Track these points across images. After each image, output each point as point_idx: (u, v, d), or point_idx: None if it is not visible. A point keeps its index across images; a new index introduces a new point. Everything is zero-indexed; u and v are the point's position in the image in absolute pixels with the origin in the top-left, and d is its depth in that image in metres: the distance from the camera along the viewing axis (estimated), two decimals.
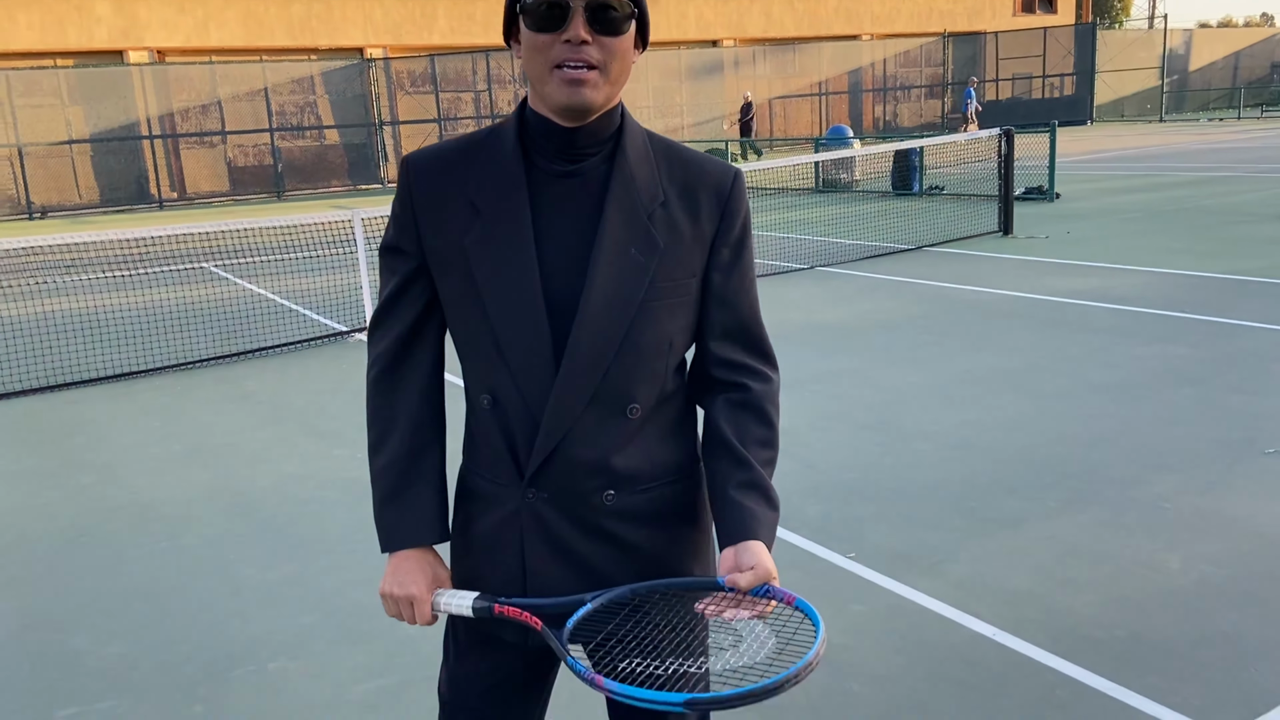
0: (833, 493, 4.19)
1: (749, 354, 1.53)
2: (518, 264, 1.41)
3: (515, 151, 1.44)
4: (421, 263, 1.49)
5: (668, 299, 1.45)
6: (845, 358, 6.32)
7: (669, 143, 1.51)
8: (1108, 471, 4.23)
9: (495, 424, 1.47)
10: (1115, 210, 12.58)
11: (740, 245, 1.51)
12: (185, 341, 7.90)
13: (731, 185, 1.49)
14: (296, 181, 25.39)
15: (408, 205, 1.47)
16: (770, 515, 1.47)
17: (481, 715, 1.58)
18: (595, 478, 1.45)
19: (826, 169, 17.88)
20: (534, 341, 1.41)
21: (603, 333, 1.41)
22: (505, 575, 1.50)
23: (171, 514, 4.33)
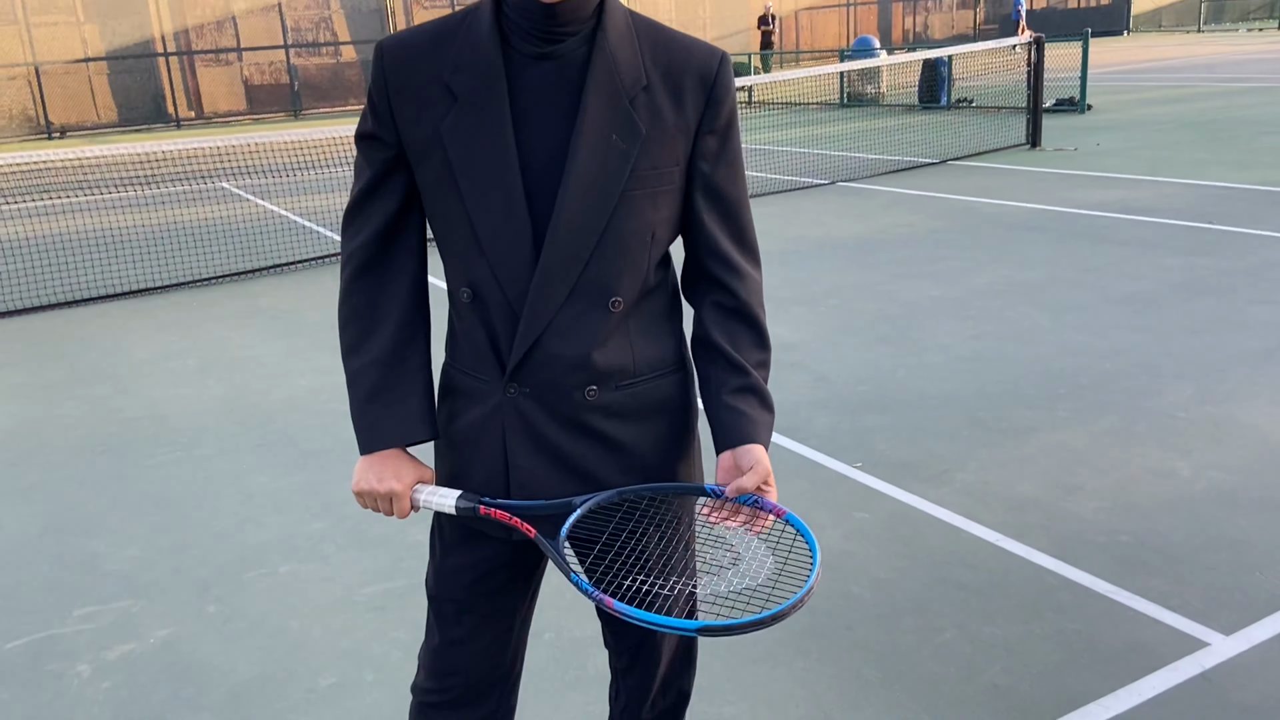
0: (842, 405, 4.17)
1: (737, 247, 1.50)
2: (495, 151, 1.36)
3: (492, 34, 1.38)
4: (399, 151, 1.44)
5: (650, 187, 1.40)
6: (862, 272, 6.25)
7: (652, 23, 1.44)
8: (1122, 382, 4.18)
9: (476, 318, 1.44)
10: (1147, 122, 12.26)
11: (727, 132, 1.46)
12: (201, 258, 7.92)
13: (718, 69, 1.43)
14: (313, 99, 25.17)
15: (383, 92, 1.42)
16: (766, 417, 1.46)
17: (469, 608, 1.58)
18: (576, 373, 1.42)
19: (852, 81, 17.48)
20: (513, 232, 1.37)
21: (583, 222, 1.36)
22: (488, 471, 1.48)
23: (186, 425, 4.38)
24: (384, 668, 2.57)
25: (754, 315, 1.50)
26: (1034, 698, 2.29)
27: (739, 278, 1.49)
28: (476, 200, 1.37)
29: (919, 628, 2.59)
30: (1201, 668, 2.36)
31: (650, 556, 1.53)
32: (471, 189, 1.38)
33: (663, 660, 1.70)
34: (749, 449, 1.41)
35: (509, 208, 1.37)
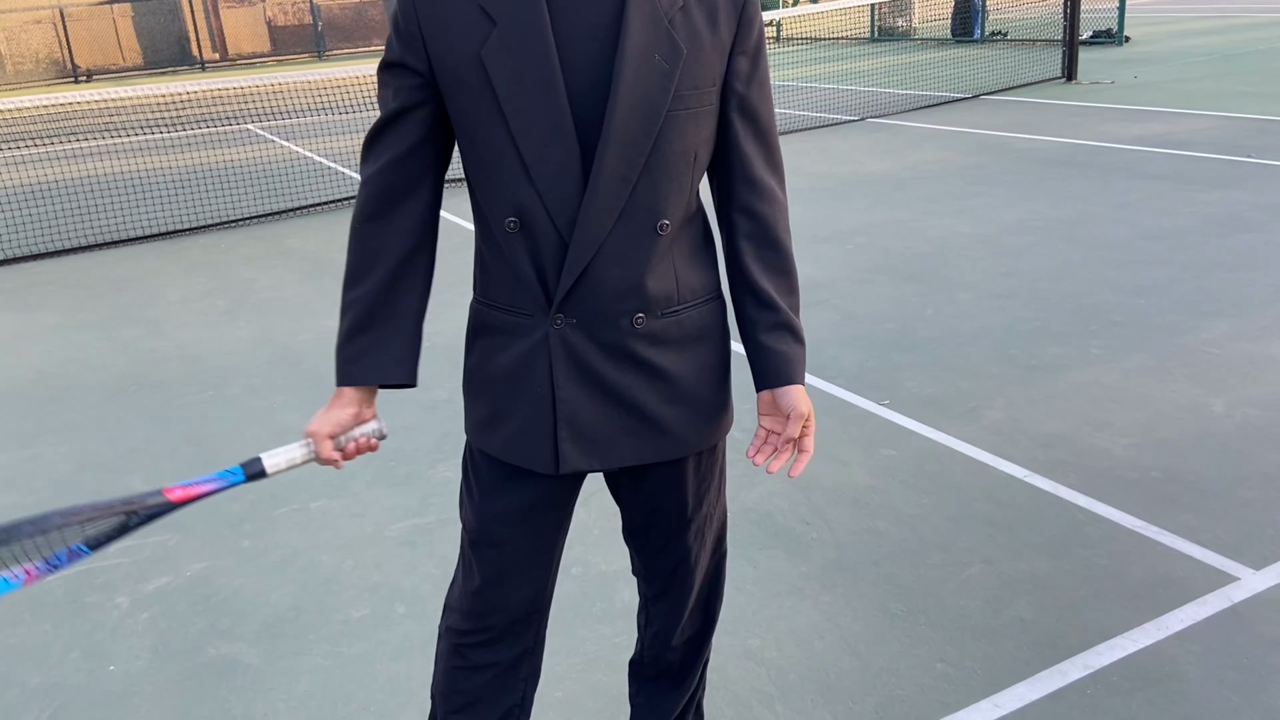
0: (871, 343, 4.14)
1: (769, 168, 1.51)
2: (540, 74, 1.34)
3: None
4: (428, 79, 1.41)
5: (692, 106, 1.40)
6: (891, 209, 6.16)
7: None
8: (1156, 318, 4.12)
9: (521, 249, 1.42)
10: (1186, 53, 11.92)
11: (758, 52, 1.47)
12: (229, 200, 7.94)
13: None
14: (337, 40, 24.98)
15: (411, 18, 1.39)
16: (799, 352, 1.50)
17: (514, 548, 1.58)
18: (625, 299, 1.43)
19: (882, 15, 17.10)
20: (562, 156, 1.35)
21: (631, 144, 1.36)
22: (533, 407, 1.48)
23: (217, 365, 4.42)
24: (414, 600, 2.61)
25: (782, 243, 1.52)
26: (1060, 631, 2.29)
27: (771, 204, 1.51)
28: (522, 125, 1.35)
29: (945, 563, 2.59)
30: (1230, 601, 2.34)
31: None
32: (517, 114, 1.35)
33: (694, 586, 1.72)
34: (786, 391, 1.47)
35: (557, 131, 1.35)
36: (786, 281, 1.52)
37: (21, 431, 3.86)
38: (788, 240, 1.53)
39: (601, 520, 2.91)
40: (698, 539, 1.67)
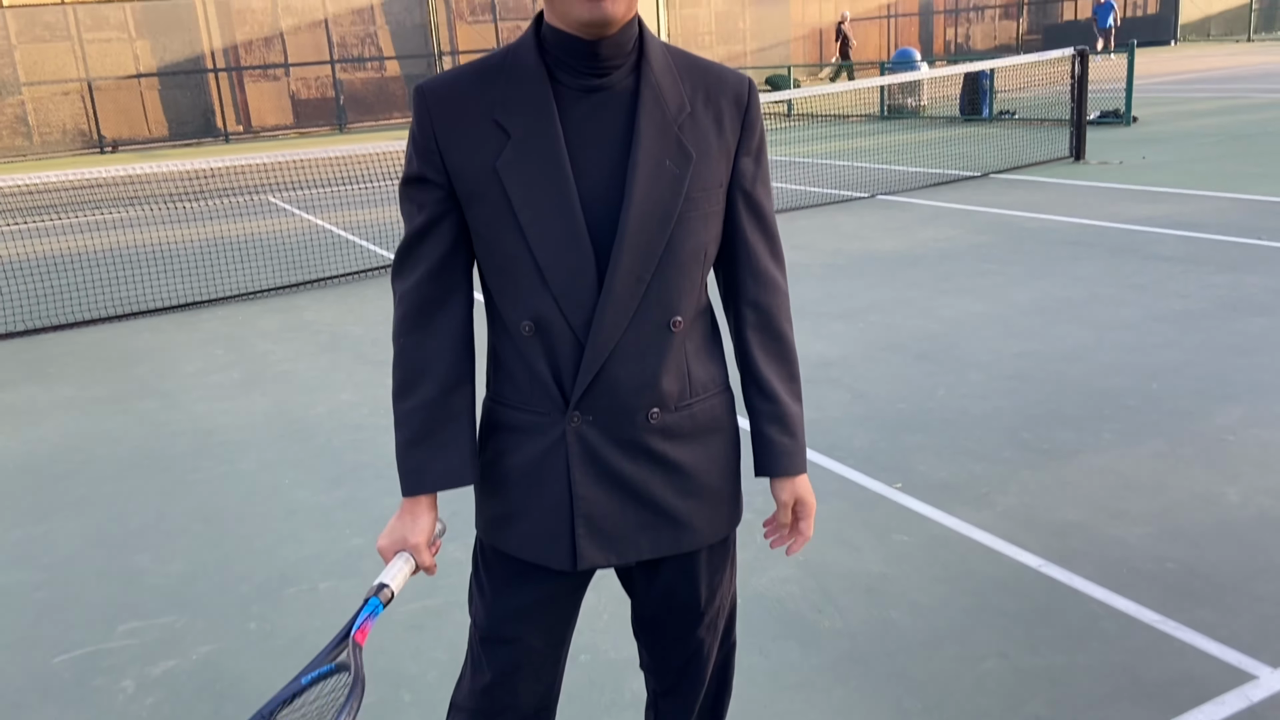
0: (882, 423, 4.13)
1: (773, 260, 1.58)
2: (555, 184, 1.39)
3: (538, 69, 1.41)
4: (449, 192, 1.45)
5: (701, 208, 1.46)
6: (902, 287, 6.20)
7: (684, 53, 1.51)
8: (1169, 403, 4.11)
9: (538, 351, 1.45)
10: (1195, 134, 12.06)
11: (760, 152, 1.54)
12: (247, 272, 8.04)
13: (749, 94, 1.52)
14: (358, 113, 25.50)
15: (429, 134, 1.44)
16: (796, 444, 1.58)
17: (527, 645, 1.59)
18: (641, 395, 1.47)
19: (893, 94, 17.38)
20: (576, 261, 1.40)
21: (644, 246, 1.41)
22: (551, 505, 1.50)
23: (230, 439, 4.44)
24: (421, 688, 2.58)
25: (783, 333, 1.60)
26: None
27: (774, 294, 1.58)
28: (538, 233, 1.40)
29: (960, 656, 2.56)
30: (1249, 701, 2.30)
31: None
32: (532, 222, 1.40)
33: (704, 680, 1.71)
34: (778, 482, 1.59)
35: (572, 238, 1.40)
36: (787, 369, 1.59)
37: (35, 507, 3.88)
38: (789, 328, 1.60)
39: (611, 605, 2.89)
40: (710, 631, 1.68)
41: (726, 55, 30.86)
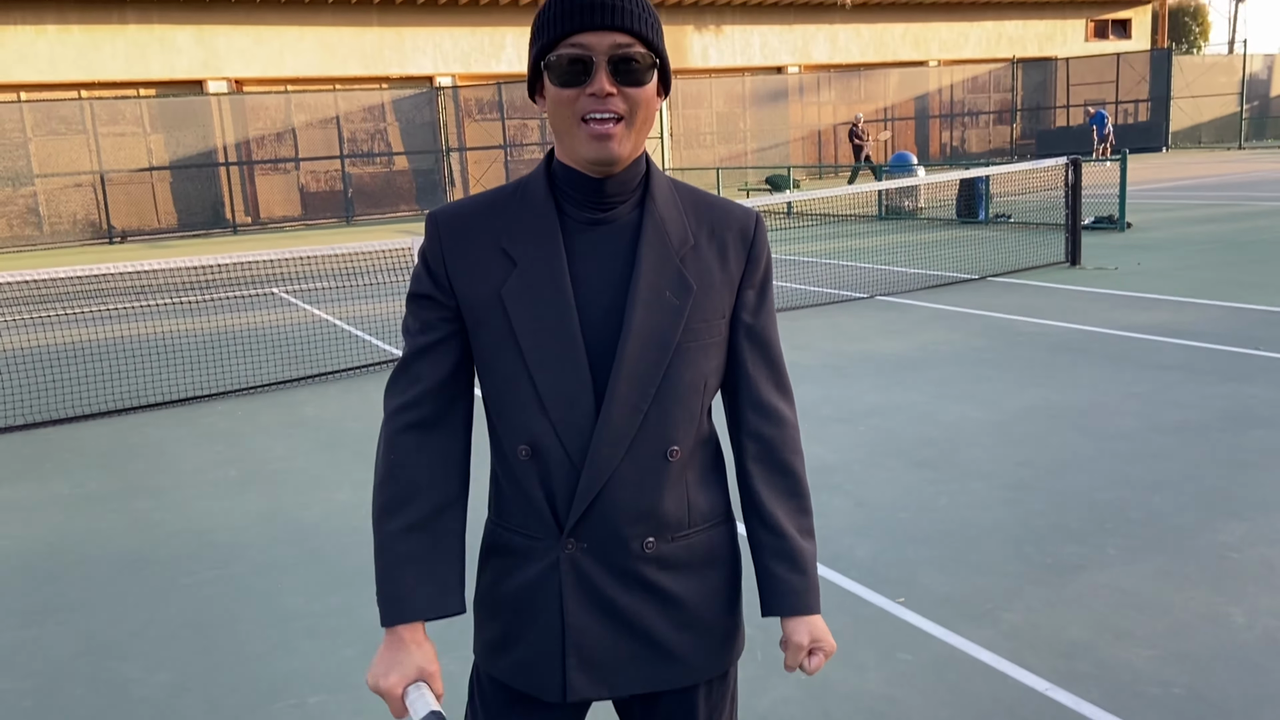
0: (884, 533, 4.10)
1: (778, 392, 1.57)
2: (557, 313, 1.41)
3: (547, 201, 1.46)
4: (454, 314, 1.48)
5: (701, 340, 1.47)
6: (902, 391, 6.22)
7: (691, 188, 1.54)
8: (1172, 518, 4.08)
9: (534, 475, 1.45)
10: (1189, 241, 12.24)
11: (764, 285, 1.55)
12: (250, 366, 8.08)
13: (755, 228, 1.54)
14: (366, 206, 25.93)
15: (438, 258, 1.47)
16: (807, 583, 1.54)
17: None
18: (636, 524, 1.45)
19: (890, 195, 17.71)
20: (576, 390, 1.41)
21: (642, 376, 1.42)
22: (542, 632, 1.48)
23: (224, 541, 4.40)
24: None
25: (791, 466, 1.56)
26: None
27: (779, 426, 1.56)
28: (539, 360, 1.41)
29: None
30: None
31: None
32: (534, 349, 1.42)
33: None
34: (795, 623, 1.53)
35: (571, 366, 1.41)
36: (797, 503, 1.55)
37: (25, 610, 3.82)
38: (798, 463, 1.57)
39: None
40: None
41: (727, 155, 31.53)
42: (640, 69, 1.38)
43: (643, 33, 1.38)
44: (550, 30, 1.38)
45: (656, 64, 1.41)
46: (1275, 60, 40.88)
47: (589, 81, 1.36)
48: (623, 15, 1.36)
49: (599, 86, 1.36)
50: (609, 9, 1.36)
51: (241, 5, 25.90)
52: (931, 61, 35.61)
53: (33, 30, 23.89)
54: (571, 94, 1.38)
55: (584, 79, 1.36)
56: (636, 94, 1.38)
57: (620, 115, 1.38)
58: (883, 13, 34.80)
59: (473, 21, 28.70)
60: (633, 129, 1.40)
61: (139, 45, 24.98)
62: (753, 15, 32.64)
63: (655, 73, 1.41)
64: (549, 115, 1.43)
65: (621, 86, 1.37)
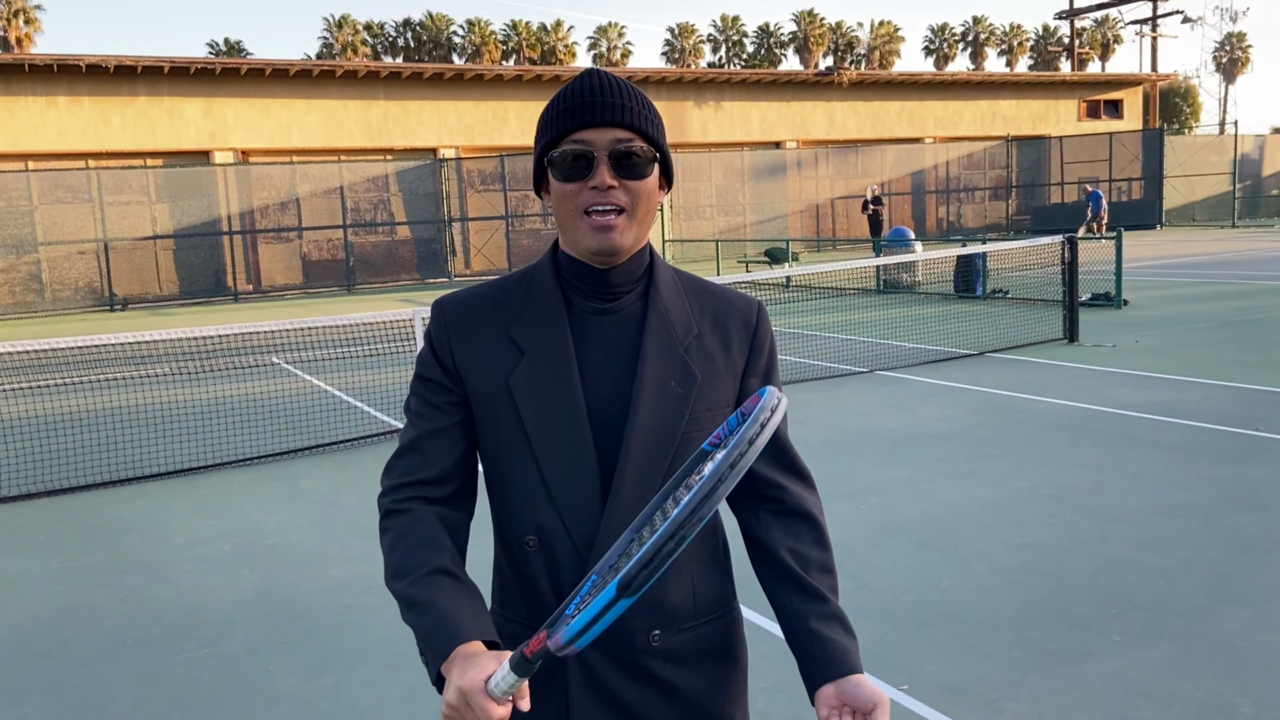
0: (887, 616, 4.04)
1: (788, 475, 1.53)
2: (565, 401, 1.42)
3: (554, 291, 1.48)
4: (459, 401, 1.48)
5: (705, 429, 1.47)
6: (903, 468, 6.19)
7: (694, 278, 1.56)
8: (1177, 603, 4.03)
9: (540, 566, 1.44)
10: (1186, 319, 12.31)
11: (768, 372, 1.55)
12: (247, 437, 8.04)
13: (758, 316, 1.55)
14: (367, 274, 26.10)
15: (445, 347, 1.48)
16: (854, 644, 1.43)
17: None
18: (643, 616, 1.44)
19: (888, 269, 17.85)
20: (581, 478, 1.41)
21: (647, 466, 1.42)
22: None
23: (216, 618, 4.33)
24: None
25: (817, 524, 1.50)
26: None
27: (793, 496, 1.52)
28: (545, 448, 1.42)
29: None
30: None
31: None
32: (540, 437, 1.42)
33: None
34: (856, 681, 1.35)
35: (578, 455, 1.41)
36: (827, 573, 1.48)
37: (13, 688, 3.74)
38: (824, 526, 1.52)
39: None
40: None
41: (727, 227, 31.86)
42: (641, 162, 1.41)
43: (643, 128, 1.41)
44: (554, 128, 1.42)
45: (657, 157, 1.44)
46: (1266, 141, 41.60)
47: (590, 175, 1.40)
48: (623, 112, 1.40)
49: (600, 180, 1.39)
50: (610, 106, 1.40)
51: (250, 78, 26.40)
52: (927, 138, 36.22)
53: (44, 101, 24.31)
54: (574, 188, 1.41)
55: (586, 173, 1.40)
56: (637, 186, 1.42)
57: (622, 207, 1.41)
58: (878, 91, 35.49)
59: (477, 96, 29.24)
60: (634, 220, 1.42)
61: (147, 117, 25.40)
62: (751, 92, 33.28)
63: (656, 166, 1.45)
64: (554, 209, 1.45)
65: (623, 179, 1.40)
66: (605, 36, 72.53)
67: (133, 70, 24.90)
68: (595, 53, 72.47)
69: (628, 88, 1.43)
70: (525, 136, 29.89)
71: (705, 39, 74.17)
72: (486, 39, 67.65)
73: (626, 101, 1.41)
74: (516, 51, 68.54)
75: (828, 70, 34.31)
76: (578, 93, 1.41)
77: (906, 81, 35.95)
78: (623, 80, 1.44)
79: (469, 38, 68.01)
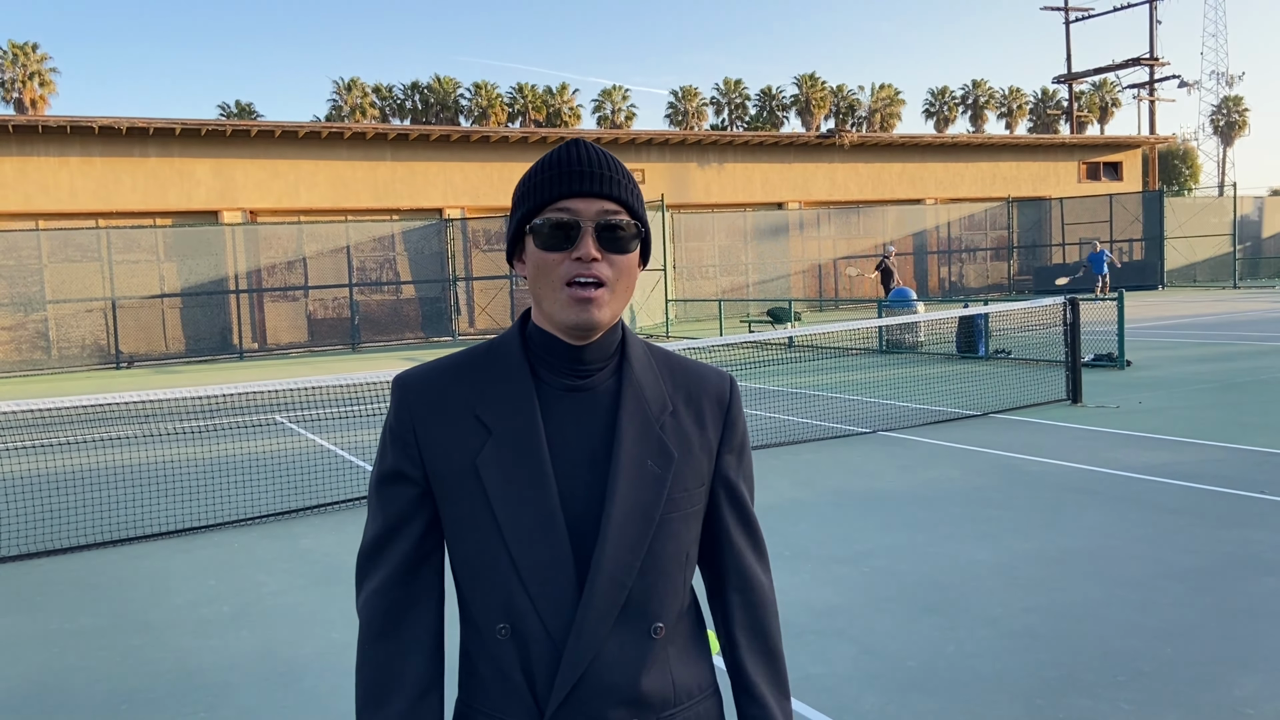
0: (892, 683, 3.99)
1: (756, 557, 1.55)
2: (535, 484, 1.37)
3: (521, 366, 1.43)
4: (424, 489, 1.44)
5: (682, 509, 1.44)
6: (907, 530, 6.15)
7: (666, 352, 1.53)
8: (1185, 670, 3.98)
9: (512, 655, 1.39)
10: (1189, 380, 12.31)
11: (742, 449, 1.54)
12: (249, 495, 8.02)
13: (730, 392, 1.53)
14: (372, 333, 26.22)
15: (407, 425, 1.43)
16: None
17: None
18: (621, 708, 1.39)
19: (891, 330, 17.91)
20: (555, 562, 1.36)
21: (625, 550, 1.38)
22: None
23: (213, 681, 4.29)
24: None
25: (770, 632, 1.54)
26: None
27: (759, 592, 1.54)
28: (515, 532, 1.37)
29: None
30: None
31: None
32: (510, 521, 1.37)
33: None
34: None
35: (550, 538, 1.37)
36: (774, 666, 1.53)
37: None
38: (775, 626, 1.55)
39: None
40: None
41: (730, 286, 32.05)
42: (625, 236, 1.39)
43: (629, 201, 1.40)
44: (537, 195, 1.39)
45: (640, 232, 1.42)
46: (1265, 202, 41.93)
47: (575, 246, 1.37)
48: (612, 184, 1.38)
49: (585, 251, 1.36)
50: (597, 177, 1.38)
51: (260, 139, 26.79)
52: (928, 199, 36.56)
53: (56, 162, 24.66)
54: (556, 258, 1.37)
55: (570, 243, 1.37)
56: (621, 260, 1.39)
57: (603, 280, 1.38)
58: (880, 153, 35.93)
59: (483, 157, 29.62)
60: (614, 295, 1.39)
61: (158, 177, 25.74)
62: (754, 153, 33.69)
63: (638, 242, 1.43)
64: (530, 279, 1.42)
65: (606, 252, 1.38)
66: (610, 99, 73.66)
67: (144, 131, 25.30)
68: (600, 115, 73.54)
69: (613, 161, 1.41)
70: None
71: (708, 102, 75.29)
72: (493, 101, 68.72)
73: (614, 174, 1.39)
74: (522, 114, 69.58)
75: (830, 132, 34.78)
76: (564, 161, 1.38)
77: (907, 143, 36.40)
78: (607, 153, 1.43)
79: (475, 100, 69.09)
